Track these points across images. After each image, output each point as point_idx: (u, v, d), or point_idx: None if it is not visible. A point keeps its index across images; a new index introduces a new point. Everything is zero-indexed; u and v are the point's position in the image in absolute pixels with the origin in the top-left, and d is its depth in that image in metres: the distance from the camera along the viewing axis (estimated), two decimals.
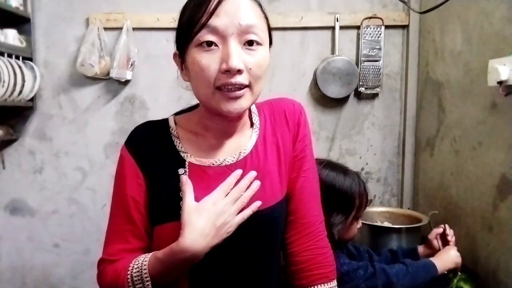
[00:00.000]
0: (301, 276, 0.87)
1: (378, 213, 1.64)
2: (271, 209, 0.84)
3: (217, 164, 0.84)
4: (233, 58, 0.73)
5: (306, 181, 0.89)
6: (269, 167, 0.86)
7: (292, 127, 0.89)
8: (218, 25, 0.74)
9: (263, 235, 0.85)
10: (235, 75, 0.74)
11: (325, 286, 0.86)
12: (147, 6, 2.06)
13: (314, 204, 0.90)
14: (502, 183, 1.37)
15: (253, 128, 0.89)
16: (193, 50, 0.76)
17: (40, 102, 2.14)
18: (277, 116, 0.90)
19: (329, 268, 0.88)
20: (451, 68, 1.70)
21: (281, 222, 0.87)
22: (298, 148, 0.89)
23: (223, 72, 0.74)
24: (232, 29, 0.74)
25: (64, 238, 2.20)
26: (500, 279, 1.37)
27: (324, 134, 2.13)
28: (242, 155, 0.85)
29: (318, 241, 0.88)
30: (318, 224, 0.89)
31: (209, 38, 0.74)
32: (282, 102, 0.93)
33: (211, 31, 0.74)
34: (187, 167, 0.82)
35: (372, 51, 2.03)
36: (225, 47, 0.74)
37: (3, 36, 1.93)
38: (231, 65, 0.73)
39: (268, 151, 0.87)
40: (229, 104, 0.77)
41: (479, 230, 1.50)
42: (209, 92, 0.77)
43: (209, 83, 0.76)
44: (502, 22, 1.37)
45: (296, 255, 0.87)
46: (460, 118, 1.64)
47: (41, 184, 2.18)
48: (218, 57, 0.75)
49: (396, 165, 2.14)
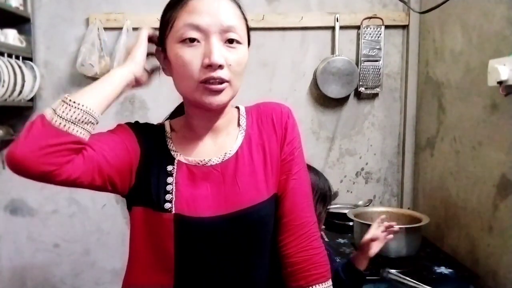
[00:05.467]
0: (298, 277, 0.88)
1: (378, 213, 1.63)
2: (256, 207, 0.85)
3: (203, 164, 0.86)
4: (215, 53, 0.77)
5: (297, 183, 0.90)
6: (254, 167, 0.88)
7: (279, 130, 0.91)
8: (201, 23, 0.78)
9: (249, 233, 0.85)
10: (217, 70, 0.78)
11: (323, 285, 0.87)
12: (147, 6, 2.07)
13: (306, 206, 0.91)
14: (502, 183, 1.37)
15: (239, 130, 0.91)
16: (176, 46, 0.80)
17: (40, 102, 2.14)
18: (264, 120, 0.93)
19: (325, 268, 0.89)
20: (451, 68, 1.70)
21: (268, 222, 0.88)
22: (287, 151, 0.91)
23: (205, 67, 0.78)
24: (214, 28, 0.79)
25: (64, 238, 2.20)
26: (500, 279, 1.37)
27: (324, 134, 2.13)
28: (227, 155, 0.87)
29: (312, 242, 0.89)
30: (311, 225, 0.90)
31: (192, 35, 0.78)
32: (269, 106, 0.95)
33: (194, 28, 0.78)
34: (175, 165, 0.85)
35: (372, 51, 2.03)
36: (207, 44, 0.79)
37: (3, 36, 1.93)
38: (213, 60, 0.77)
39: (254, 153, 0.89)
40: (211, 97, 0.80)
41: (479, 230, 1.50)
42: (192, 85, 0.81)
43: (192, 77, 0.80)
44: (502, 22, 1.37)
45: (291, 256, 0.88)
46: (460, 118, 1.64)
47: (41, 184, 2.17)
48: (200, 53, 0.79)
49: (396, 165, 2.14)
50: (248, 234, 0.85)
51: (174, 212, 0.81)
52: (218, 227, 0.83)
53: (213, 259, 0.84)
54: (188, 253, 0.83)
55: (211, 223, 0.82)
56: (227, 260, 0.84)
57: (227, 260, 0.84)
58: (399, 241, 1.46)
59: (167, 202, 0.82)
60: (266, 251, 0.90)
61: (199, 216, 0.82)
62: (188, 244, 0.83)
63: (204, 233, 0.83)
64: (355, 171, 2.15)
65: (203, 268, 0.84)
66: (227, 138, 0.90)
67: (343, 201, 2.11)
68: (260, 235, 0.87)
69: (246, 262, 0.86)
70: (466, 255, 1.57)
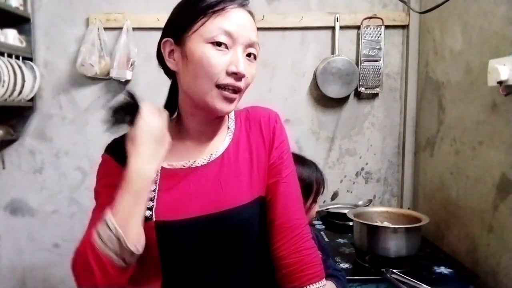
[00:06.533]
0: (292, 279, 0.88)
1: (378, 213, 1.63)
2: (238, 209, 0.85)
3: (188, 166, 0.87)
4: (242, 64, 0.81)
5: (287, 187, 0.91)
6: (239, 169, 0.88)
7: (267, 135, 0.92)
8: (233, 32, 0.81)
9: (231, 235, 0.85)
10: (239, 79, 0.82)
11: (317, 285, 0.87)
12: (147, 6, 2.07)
13: (297, 208, 0.92)
14: (502, 183, 1.37)
15: (227, 132, 0.92)
16: (203, 45, 0.81)
17: (40, 102, 2.14)
18: (252, 124, 0.94)
19: (318, 267, 0.89)
20: (451, 68, 1.70)
21: (252, 225, 0.88)
22: (275, 155, 0.91)
23: (229, 74, 0.81)
24: (242, 40, 0.82)
25: (64, 238, 2.20)
26: (500, 280, 1.37)
27: (324, 134, 2.13)
28: (213, 156, 0.88)
29: (305, 242, 0.89)
30: (303, 227, 0.91)
31: (223, 40, 0.80)
32: (258, 110, 0.96)
33: (227, 34, 0.80)
34: (158, 172, 0.85)
35: (372, 51, 2.03)
36: (234, 52, 0.82)
37: (3, 36, 1.93)
38: (240, 69, 0.81)
39: (240, 155, 0.89)
40: (224, 104, 0.83)
41: (479, 230, 1.50)
42: (208, 87, 0.81)
43: (211, 80, 0.81)
44: (502, 22, 1.37)
45: (285, 258, 0.88)
46: (460, 118, 1.63)
47: (41, 184, 2.18)
48: (227, 59, 0.81)
49: (396, 165, 2.14)
50: (230, 236, 0.85)
51: (155, 219, 0.81)
52: (199, 228, 0.82)
53: (197, 262, 0.84)
54: (173, 258, 0.83)
55: (192, 224, 0.82)
56: (211, 262, 0.85)
57: (211, 262, 0.85)
58: (399, 241, 1.46)
59: (147, 210, 0.81)
60: (250, 253, 0.89)
61: (180, 218, 0.82)
62: (172, 249, 0.82)
63: (186, 235, 0.83)
64: (355, 171, 2.15)
65: (189, 271, 0.84)
66: (214, 140, 0.90)
67: (343, 201, 2.11)
68: (243, 237, 0.87)
69: (231, 264, 0.86)
70: (466, 255, 1.56)
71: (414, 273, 1.39)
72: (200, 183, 0.85)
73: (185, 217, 0.82)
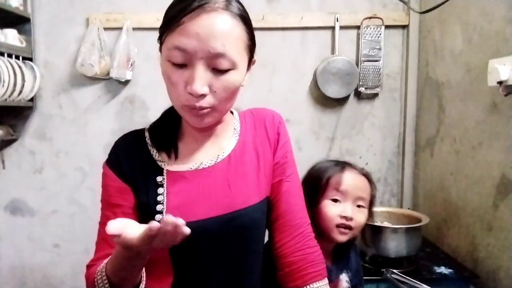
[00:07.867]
0: (295, 277, 0.88)
1: (378, 213, 1.63)
2: (248, 209, 0.85)
3: (195, 168, 0.86)
4: (196, 83, 0.74)
5: (291, 186, 0.92)
6: (246, 170, 0.88)
7: (271, 136, 0.93)
8: (188, 48, 0.73)
9: (240, 235, 0.86)
10: (198, 98, 0.75)
11: (319, 283, 0.88)
12: (147, 6, 2.07)
13: (300, 207, 0.93)
14: (502, 183, 1.37)
15: (233, 133, 0.92)
16: (166, 63, 0.78)
17: (40, 102, 2.14)
18: (257, 125, 0.94)
19: (321, 266, 0.90)
20: (451, 68, 1.70)
21: (260, 225, 0.89)
22: (280, 155, 0.92)
23: (188, 93, 0.76)
24: (201, 54, 0.74)
25: (64, 238, 2.20)
26: (500, 279, 1.37)
27: (324, 134, 2.13)
28: (220, 158, 0.88)
29: (308, 241, 0.90)
30: (306, 226, 0.92)
31: (178, 60, 0.75)
32: (261, 111, 0.97)
33: (181, 51, 0.74)
34: (165, 175, 0.85)
35: (372, 51, 2.03)
36: (191, 70, 0.75)
37: (3, 36, 1.93)
38: (192, 90, 0.74)
39: (247, 156, 0.89)
40: (195, 120, 0.80)
41: (479, 230, 1.50)
42: (178, 105, 0.80)
43: (177, 98, 0.78)
44: (502, 22, 1.37)
45: (287, 256, 0.89)
46: (460, 118, 1.63)
47: (41, 184, 2.18)
48: (186, 76, 0.75)
49: (396, 165, 2.14)
50: (240, 236, 0.85)
51: None
52: (210, 230, 0.82)
53: (208, 263, 0.84)
54: (184, 259, 0.83)
55: (203, 226, 0.82)
56: (221, 263, 0.85)
57: (221, 263, 0.85)
58: (399, 241, 1.46)
59: (158, 213, 0.82)
60: (259, 254, 0.90)
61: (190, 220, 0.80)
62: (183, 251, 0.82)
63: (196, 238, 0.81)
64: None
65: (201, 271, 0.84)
66: (221, 141, 0.90)
67: None
68: (252, 238, 0.88)
69: (240, 265, 0.87)
70: (466, 255, 1.56)
71: (414, 273, 1.39)
72: (208, 184, 0.85)
73: (195, 219, 0.81)
